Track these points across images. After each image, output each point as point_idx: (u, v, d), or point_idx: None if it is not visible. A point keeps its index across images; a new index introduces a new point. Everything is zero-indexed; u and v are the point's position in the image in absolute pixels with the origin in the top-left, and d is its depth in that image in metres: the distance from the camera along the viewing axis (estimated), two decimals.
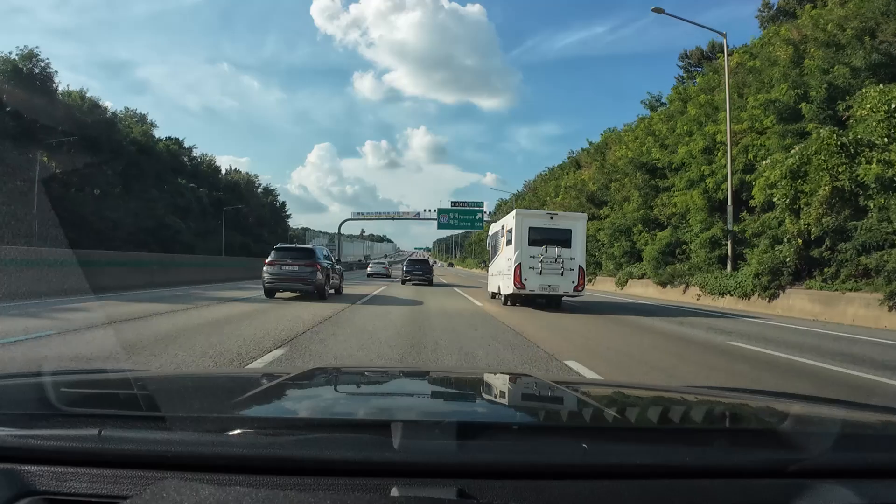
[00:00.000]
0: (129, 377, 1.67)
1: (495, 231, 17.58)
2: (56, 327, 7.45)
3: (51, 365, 5.05)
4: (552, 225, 13.82)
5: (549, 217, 14.25)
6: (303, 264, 14.04)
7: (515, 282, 13.27)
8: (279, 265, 14.05)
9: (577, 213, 16.87)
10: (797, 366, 6.57)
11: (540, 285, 13.28)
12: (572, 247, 13.52)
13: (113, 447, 0.87)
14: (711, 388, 2.03)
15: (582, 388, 2.06)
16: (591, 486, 0.84)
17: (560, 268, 13.28)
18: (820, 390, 4.75)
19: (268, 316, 9.89)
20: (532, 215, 15.09)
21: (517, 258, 13.31)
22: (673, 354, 7.28)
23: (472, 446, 0.91)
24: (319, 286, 14.09)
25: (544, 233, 13.62)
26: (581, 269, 13.53)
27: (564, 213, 17.34)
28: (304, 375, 1.91)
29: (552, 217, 14.22)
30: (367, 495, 0.79)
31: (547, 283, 13.26)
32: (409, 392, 1.77)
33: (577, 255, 13.54)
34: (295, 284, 13.96)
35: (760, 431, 1.22)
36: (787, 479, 0.87)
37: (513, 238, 13.74)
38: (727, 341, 8.59)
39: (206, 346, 6.24)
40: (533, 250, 13.33)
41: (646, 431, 1.19)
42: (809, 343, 8.64)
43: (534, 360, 6.16)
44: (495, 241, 17.17)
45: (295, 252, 14.88)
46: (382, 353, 6.35)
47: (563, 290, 13.47)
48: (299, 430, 1.01)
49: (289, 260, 14.20)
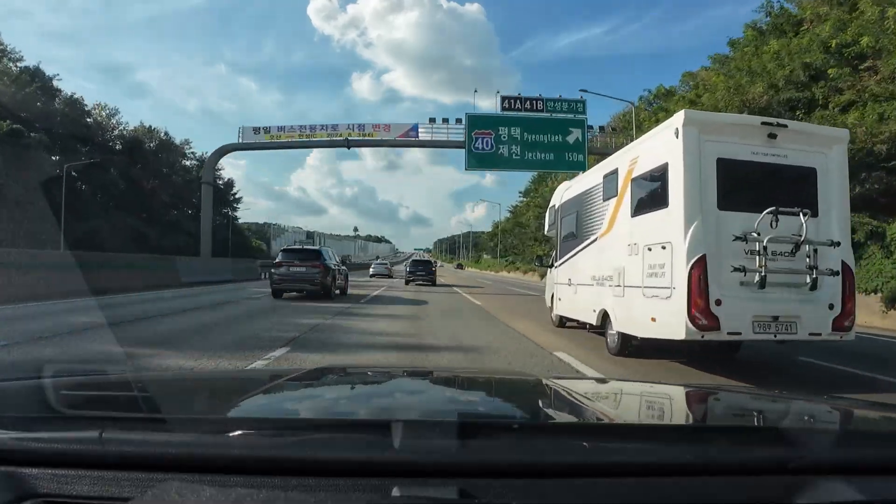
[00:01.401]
0: (129, 379, 1.67)
1: (578, 193, 8.60)
2: None
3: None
4: (775, 156, 5.55)
5: (766, 134, 5.55)
6: (310, 265, 14.55)
7: (696, 308, 5.11)
8: (287, 266, 14.71)
9: (823, 129, 7.43)
10: None
11: (760, 317, 5.24)
12: (821, 212, 5.55)
13: (114, 449, 0.87)
14: (712, 385, 2.04)
15: (582, 386, 2.07)
16: (592, 484, 0.84)
17: (805, 269, 5.34)
18: None
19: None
20: (727, 128, 5.68)
21: (693, 241, 5.21)
22: None
23: (473, 446, 0.90)
24: (326, 286, 14.57)
25: (761, 176, 5.53)
26: (847, 272, 5.50)
27: (798, 125, 6.85)
28: (304, 375, 1.91)
29: (774, 135, 5.55)
30: (368, 495, 0.79)
31: (778, 309, 5.29)
32: (409, 392, 1.77)
33: (835, 230, 5.56)
34: (302, 285, 14.44)
35: (761, 429, 1.22)
36: (788, 476, 0.87)
37: (668, 190, 5.57)
38: None
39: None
40: (736, 221, 5.32)
41: (646, 429, 1.19)
42: None
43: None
44: (580, 210, 8.34)
45: (302, 254, 15.57)
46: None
47: (812, 326, 5.36)
48: (300, 430, 1.01)
49: (296, 261, 14.78)
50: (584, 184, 8.57)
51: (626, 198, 6.53)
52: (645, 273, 5.83)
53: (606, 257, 7.08)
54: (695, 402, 1.66)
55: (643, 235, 5.97)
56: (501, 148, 24.40)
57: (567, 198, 9.43)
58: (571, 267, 8.64)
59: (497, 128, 24.43)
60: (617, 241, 6.76)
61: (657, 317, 5.56)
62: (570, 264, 8.71)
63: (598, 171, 8.06)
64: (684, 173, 5.29)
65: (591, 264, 7.70)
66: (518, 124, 24.43)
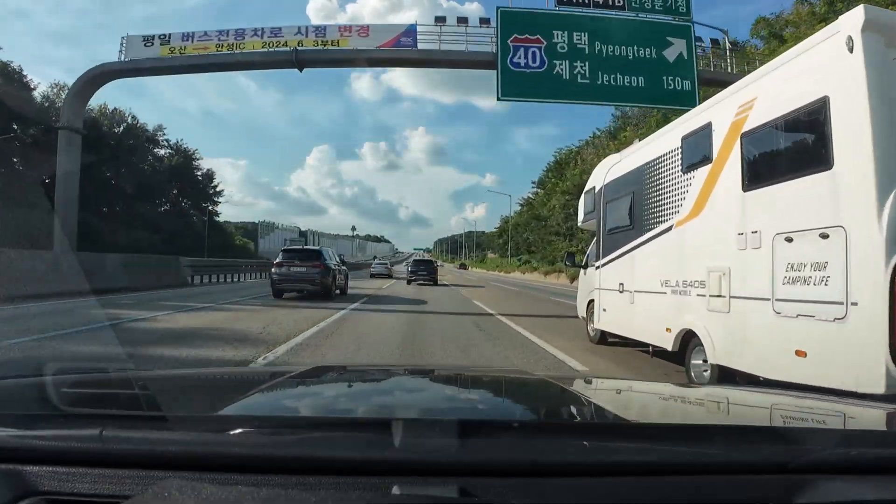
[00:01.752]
0: (130, 377, 1.67)
1: (635, 168, 6.59)
2: None
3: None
4: None
5: None
6: (310, 265, 14.66)
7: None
8: (287, 266, 14.73)
9: None
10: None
11: None
12: None
13: (115, 447, 0.87)
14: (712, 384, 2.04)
15: (582, 385, 2.07)
16: (592, 483, 0.84)
17: None
18: None
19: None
20: None
21: (894, 225, 3.07)
22: None
23: (473, 444, 0.90)
24: (326, 286, 14.68)
25: None
26: None
27: None
28: (304, 374, 1.91)
29: None
30: (368, 494, 0.79)
31: None
32: (409, 390, 1.77)
33: None
34: (302, 285, 14.52)
35: (762, 428, 1.22)
36: (788, 476, 0.87)
37: (831, 142, 3.47)
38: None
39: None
40: None
41: (647, 428, 1.19)
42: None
43: None
44: (640, 190, 6.36)
45: (302, 253, 15.70)
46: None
47: None
48: (300, 428, 1.01)
49: (296, 261, 14.87)
50: (645, 153, 6.40)
51: (732, 163, 4.55)
52: (781, 277, 3.86)
53: (692, 253, 5.16)
54: (695, 401, 1.66)
55: (775, 218, 4.00)
56: (558, 65, 15.11)
57: (616, 175, 7.21)
58: (624, 267, 6.67)
59: (551, 32, 15.26)
60: (713, 229, 4.83)
61: (813, 350, 3.52)
62: (623, 263, 6.71)
63: (668, 133, 6.04)
64: (867, 109, 3.23)
65: (661, 263, 5.77)
66: (584, 28, 15.29)
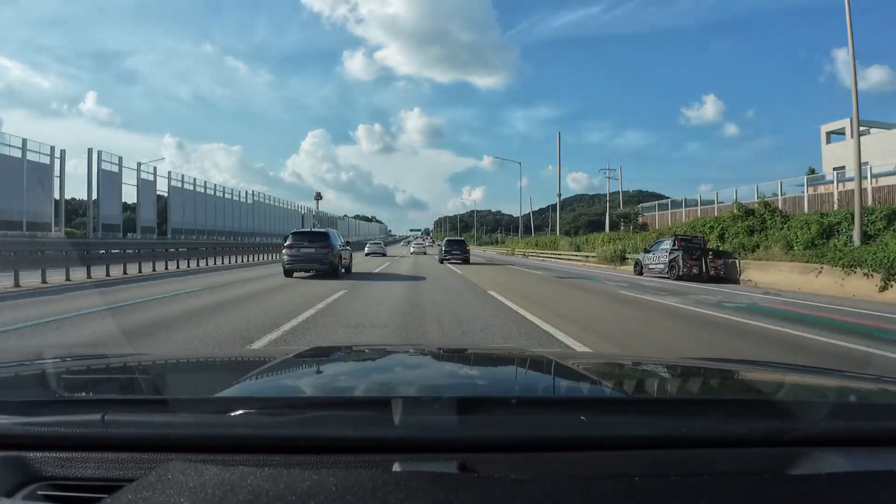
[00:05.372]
0: (130, 361, 1.68)
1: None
2: None
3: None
4: None
5: None
6: (318, 246, 15.72)
7: None
8: (297, 248, 15.73)
9: None
10: None
11: None
12: None
13: (117, 431, 0.88)
14: (708, 359, 2.05)
15: (580, 361, 2.08)
16: (590, 457, 0.86)
17: None
18: None
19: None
20: None
21: None
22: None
23: (472, 421, 0.91)
24: (333, 266, 15.78)
25: None
26: None
27: None
28: (305, 354, 1.92)
29: None
30: (369, 471, 0.80)
31: None
32: (409, 368, 1.78)
33: None
34: (311, 265, 15.63)
35: (757, 401, 1.24)
36: (784, 448, 0.88)
37: None
38: None
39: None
40: None
41: (643, 403, 1.20)
42: None
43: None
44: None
45: (311, 236, 16.80)
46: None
47: None
48: (301, 408, 1.02)
49: (306, 243, 15.95)
50: None
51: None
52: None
53: None
54: (692, 375, 1.67)
55: None
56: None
57: None
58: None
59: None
60: None
61: None
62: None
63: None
64: None
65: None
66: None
